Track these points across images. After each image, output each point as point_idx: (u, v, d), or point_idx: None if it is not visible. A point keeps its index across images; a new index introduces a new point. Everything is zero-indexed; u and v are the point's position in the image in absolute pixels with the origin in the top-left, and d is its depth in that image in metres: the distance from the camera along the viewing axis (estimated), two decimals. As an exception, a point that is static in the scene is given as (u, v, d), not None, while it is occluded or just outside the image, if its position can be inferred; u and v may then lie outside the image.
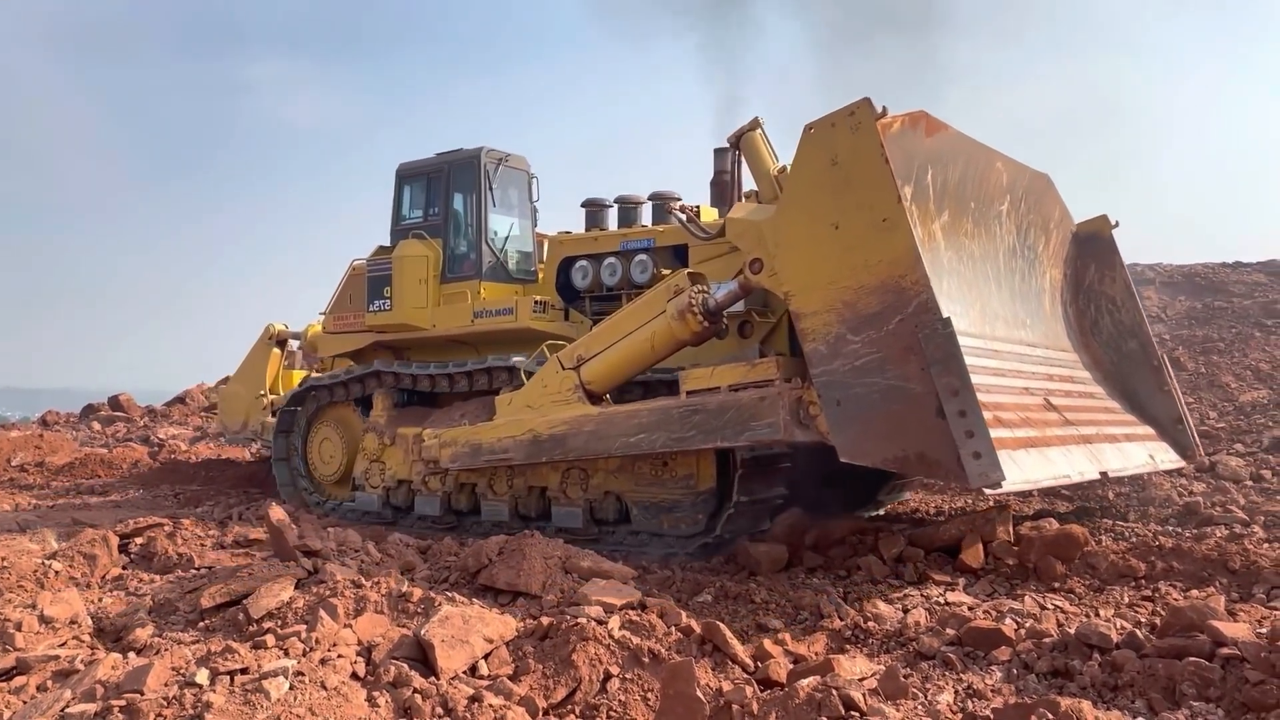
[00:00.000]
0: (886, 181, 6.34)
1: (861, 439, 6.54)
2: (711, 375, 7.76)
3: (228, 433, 14.08)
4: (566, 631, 4.83)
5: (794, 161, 6.86)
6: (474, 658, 4.69)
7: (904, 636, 5.79)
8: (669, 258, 9.60)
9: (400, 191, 11.37)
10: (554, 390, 8.60)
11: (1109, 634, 5.13)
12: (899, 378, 6.34)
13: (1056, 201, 8.90)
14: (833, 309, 6.59)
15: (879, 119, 6.41)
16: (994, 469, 5.99)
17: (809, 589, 6.88)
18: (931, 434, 6.21)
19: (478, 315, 10.48)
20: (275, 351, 13.80)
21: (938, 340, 6.15)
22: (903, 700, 4.52)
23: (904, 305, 6.31)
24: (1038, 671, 5.03)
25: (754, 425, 7.35)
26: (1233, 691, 4.37)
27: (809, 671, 4.65)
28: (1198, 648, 4.76)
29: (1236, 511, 8.37)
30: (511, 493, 9.51)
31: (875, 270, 6.41)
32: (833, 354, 6.59)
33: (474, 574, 6.30)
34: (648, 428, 7.95)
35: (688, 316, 7.84)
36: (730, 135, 8.22)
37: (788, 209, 6.94)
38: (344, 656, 4.59)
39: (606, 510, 8.94)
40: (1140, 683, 4.64)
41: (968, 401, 6.09)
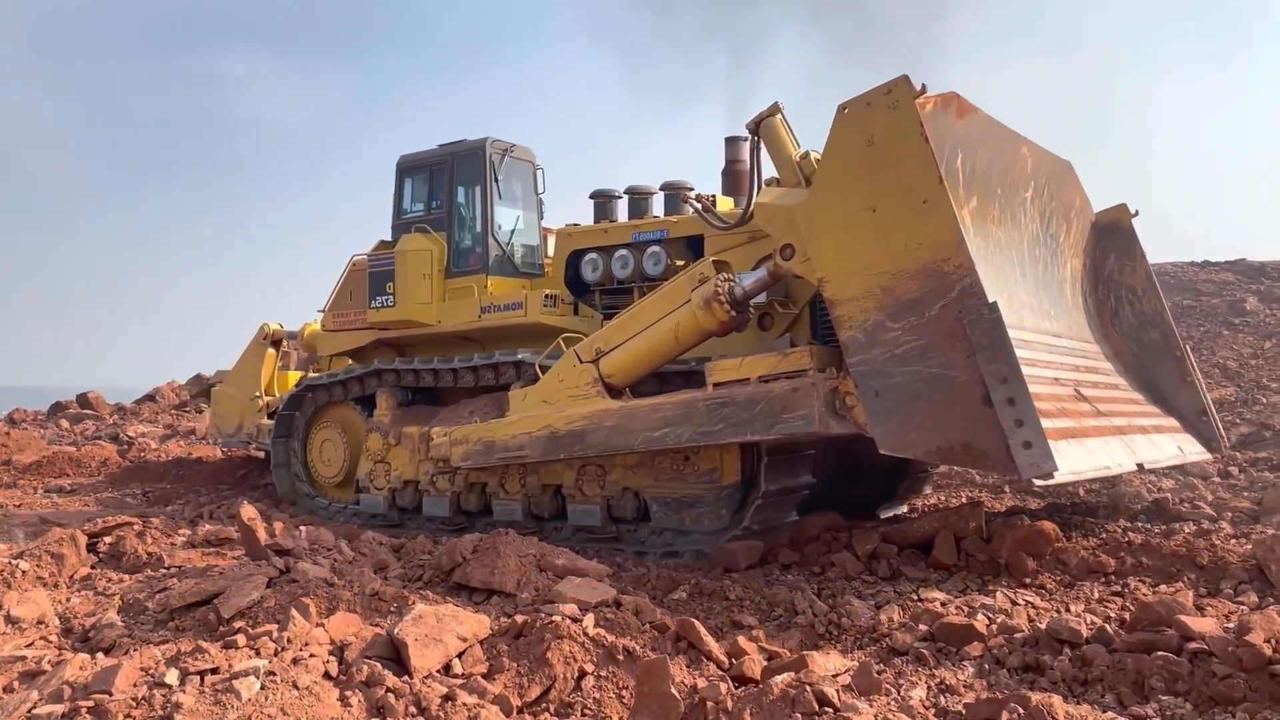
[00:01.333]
0: (926, 162, 6.14)
1: (903, 430, 6.36)
2: (740, 366, 7.53)
3: (221, 436, 13.69)
4: (541, 629, 4.81)
5: (827, 142, 6.61)
6: (448, 656, 4.66)
7: (877, 633, 5.82)
8: (682, 249, 9.38)
9: (401, 184, 11.07)
10: (571, 385, 8.35)
11: (1079, 629, 5.17)
12: (942, 365, 6.15)
13: (1077, 189, 8.69)
14: (870, 295, 6.39)
15: (917, 97, 6.21)
16: (1046, 459, 5.81)
17: (783, 586, 6.90)
18: (978, 423, 6.04)
19: (485, 311, 10.23)
20: (270, 352, 13.47)
21: (984, 326, 5.97)
22: (876, 696, 4.54)
23: (947, 290, 6.12)
24: (1009, 666, 5.07)
25: (786, 418, 7.12)
26: (1201, 685, 4.43)
27: (783, 668, 4.66)
28: (1166, 642, 4.81)
29: (1205, 508, 8.48)
30: (524, 491, 9.29)
31: (915, 254, 6.21)
32: (871, 342, 6.40)
33: (448, 572, 6.27)
34: (672, 421, 7.70)
35: (714, 306, 7.60)
36: (749, 121, 7.93)
37: (821, 192, 6.71)
38: (316, 656, 4.55)
39: (625, 508, 8.72)
40: (1110, 677, 4.69)
41: (1017, 389, 5.91)
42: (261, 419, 12.83)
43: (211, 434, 14.09)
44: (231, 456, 15.04)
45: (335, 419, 11.30)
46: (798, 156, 7.66)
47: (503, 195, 10.66)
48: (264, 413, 12.89)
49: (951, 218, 6.10)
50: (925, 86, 6.24)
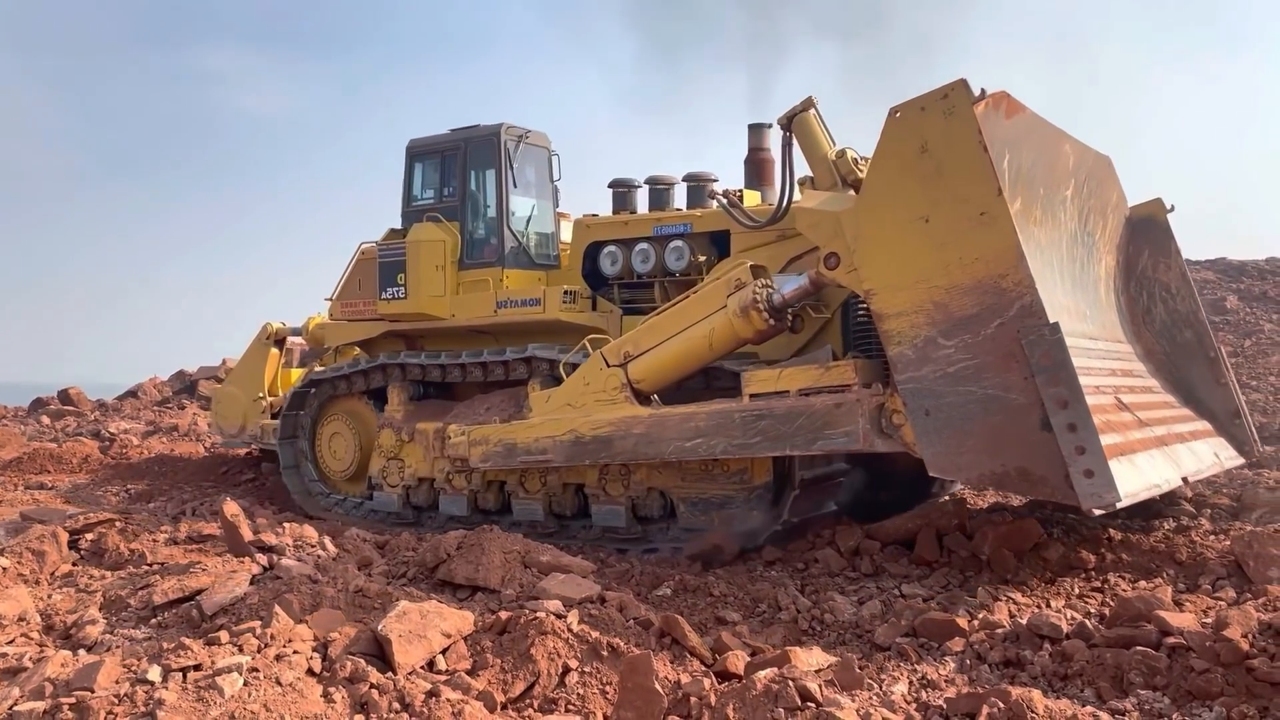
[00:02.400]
0: (984, 171, 5.91)
1: (954, 452, 6.13)
2: (779, 378, 7.25)
3: (224, 436, 13.41)
4: (525, 626, 4.82)
5: (877, 147, 6.36)
6: (432, 653, 4.67)
7: (860, 628, 5.86)
8: (706, 244, 9.08)
9: (411, 170, 10.68)
10: (598, 388, 8.06)
11: (1059, 624, 5.22)
12: (998, 386, 5.92)
13: (1115, 185, 8.41)
14: (922, 310, 6.15)
15: (976, 103, 5.95)
16: (1108, 489, 5.60)
17: (767, 582, 6.93)
18: (1035, 449, 5.81)
19: (501, 305, 9.88)
20: (273, 352, 13.12)
21: (1044, 347, 5.75)
22: (858, 691, 4.58)
23: (1005, 308, 5.89)
24: (990, 662, 5.11)
25: (828, 434, 6.86)
26: (1178, 680, 4.48)
27: (766, 663, 4.69)
28: (1145, 638, 4.87)
29: (1184, 504, 8.54)
30: (545, 491, 9.06)
31: (971, 268, 5.97)
32: (921, 359, 6.16)
33: (432, 569, 6.27)
34: (705, 432, 7.43)
35: (752, 314, 7.33)
36: (781, 116, 7.62)
37: (870, 200, 6.44)
38: (299, 652, 4.55)
39: (650, 507, 8.51)
40: (1090, 672, 4.74)
41: (1079, 414, 5.68)
42: (265, 419, 12.54)
43: (213, 434, 13.92)
44: (215, 453, 14.97)
45: (345, 411, 10.99)
46: (833, 154, 7.44)
47: (518, 183, 10.27)
48: (267, 413, 12.60)
49: (1011, 232, 5.87)
50: (985, 90, 5.99)
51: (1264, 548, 6.08)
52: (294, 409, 11.32)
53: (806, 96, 7.53)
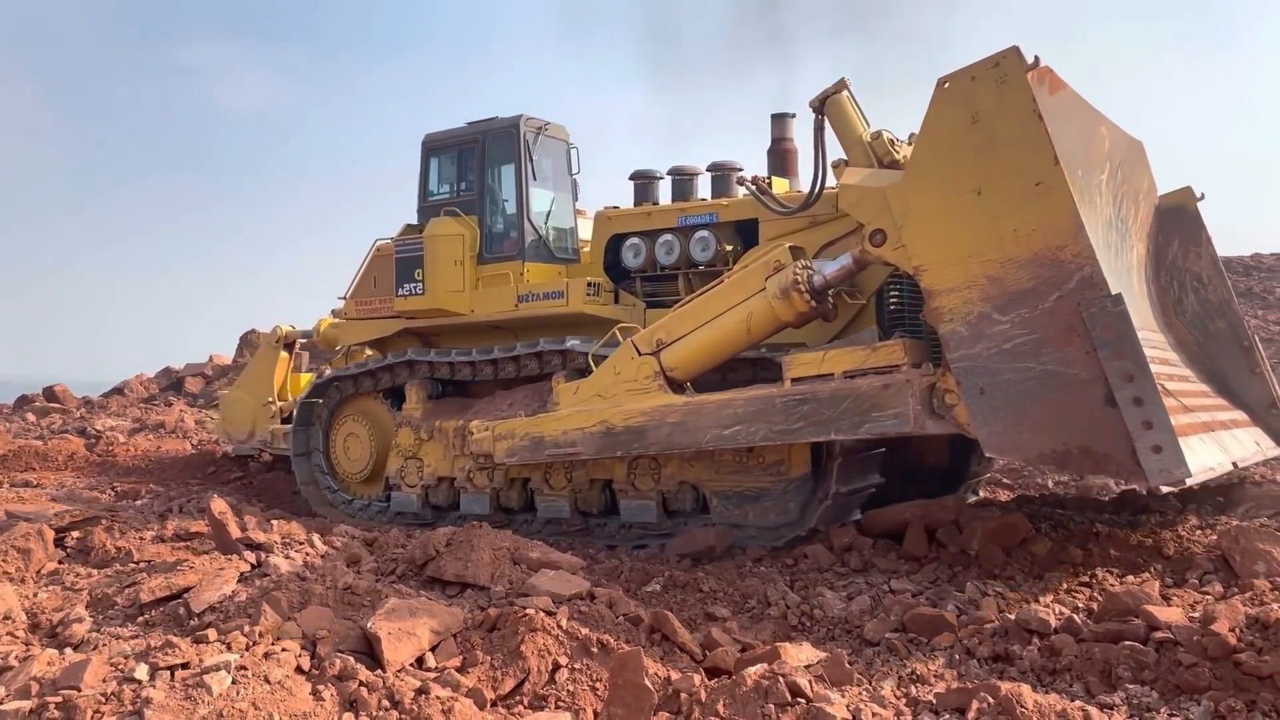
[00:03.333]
0: (1040, 141, 5.73)
1: (1012, 431, 5.96)
2: (822, 360, 7.05)
3: (232, 442, 13.22)
4: (515, 622, 4.81)
5: (925, 120, 6.19)
6: (421, 650, 4.66)
7: (849, 624, 5.87)
8: (732, 234, 8.91)
9: (427, 164, 10.51)
10: (630, 378, 7.84)
11: (1048, 619, 5.24)
12: (1058, 362, 5.76)
13: (1147, 171, 8.24)
14: (975, 285, 5.97)
15: (1028, 71, 5.79)
16: (1177, 464, 5.45)
17: (756, 578, 6.94)
18: (1099, 425, 5.66)
19: (522, 299, 9.66)
20: (283, 355, 12.97)
21: (1107, 319, 5.61)
22: (848, 686, 4.58)
23: (1063, 280, 5.72)
24: (979, 657, 5.12)
25: (876, 416, 6.65)
26: (1166, 674, 4.50)
27: (756, 659, 4.69)
28: (1133, 632, 4.89)
29: (1171, 499, 8.58)
30: (571, 487, 8.86)
31: (1027, 241, 5.81)
32: (975, 336, 5.99)
33: (421, 566, 6.25)
34: (745, 419, 7.21)
35: (793, 295, 7.11)
36: (813, 99, 7.45)
37: (918, 173, 6.28)
38: (288, 650, 4.53)
39: (682, 502, 8.36)
40: (1078, 666, 4.76)
41: (1144, 388, 5.53)
42: (275, 424, 12.40)
43: (221, 440, 13.73)
44: (202, 450, 14.90)
45: (359, 412, 10.80)
46: (868, 136, 7.29)
47: (536, 175, 10.11)
48: (277, 418, 12.47)
49: (1069, 201, 5.70)
50: (1038, 59, 5.81)
51: (1250, 542, 6.11)
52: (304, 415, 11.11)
53: (839, 78, 7.40)
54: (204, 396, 25.00)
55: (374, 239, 10.97)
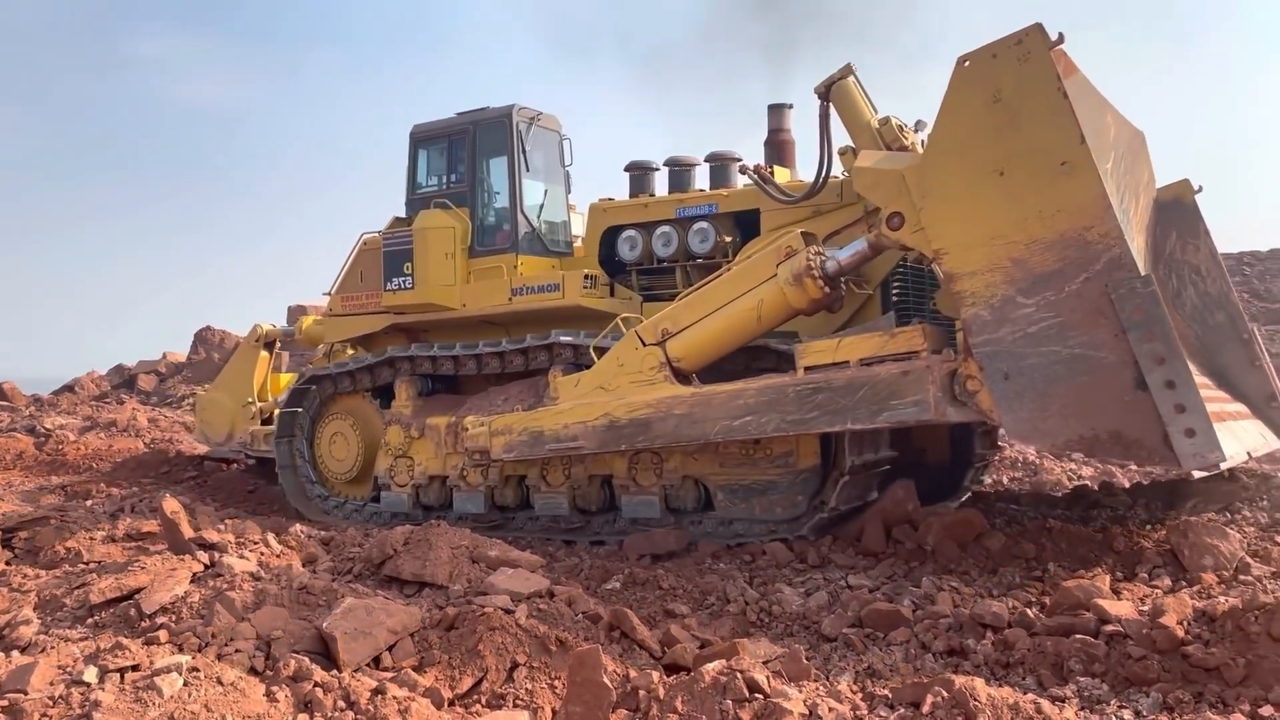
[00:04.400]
0: (1065, 119, 5.63)
1: (1038, 417, 5.83)
2: (837, 348, 6.87)
3: (210, 444, 12.97)
4: (473, 621, 4.79)
5: (944, 99, 6.07)
6: (378, 649, 4.62)
7: (807, 619, 5.91)
8: (731, 225, 8.77)
9: (415, 156, 10.27)
10: (634, 369, 7.64)
11: (1002, 613, 5.33)
12: (1085, 345, 5.65)
13: (1147, 163, 8.14)
14: (998, 268, 5.85)
15: (1053, 48, 5.68)
16: (1211, 448, 5.36)
17: (715, 574, 6.96)
18: (1129, 409, 5.56)
19: (516, 293, 9.44)
20: (263, 355, 12.66)
21: (1137, 301, 5.50)
22: (805, 682, 4.60)
23: (1090, 261, 5.61)
24: (934, 651, 5.19)
25: (895, 404, 6.47)
26: (1116, 667, 4.58)
27: (715, 655, 4.70)
28: (1084, 626, 4.97)
29: (1121, 495, 8.74)
30: (569, 483, 8.66)
31: (1053, 222, 5.69)
32: (999, 320, 5.86)
33: (379, 565, 6.20)
34: (756, 409, 7.01)
35: (806, 281, 6.94)
36: (819, 85, 7.32)
37: (938, 153, 6.15)
38: (242, 651, 4.47)
39: (685, 498, 8.18)
40: (1031, 660, 4.83)
41: (1177, 371, 5.44)
42: (255, 425, 12.10)
43: (199, 442, 13.36)
44: (155, 449, 14.66)
45: (346, 411, 10.51)
46: (876, 122, 7.15)
47: (529, 167, 9.90)
48: (257, 419, 12.18)
49: (1096, 181, 5.59)
50: (1062, 36, 5.70)
51: (1198, 537, 6.22)
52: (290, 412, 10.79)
53: (846, 64, 7.30)
54: (157, 394, 24.63)
55: (360, 233, 10.73)
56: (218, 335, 26.81)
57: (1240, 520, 7.10)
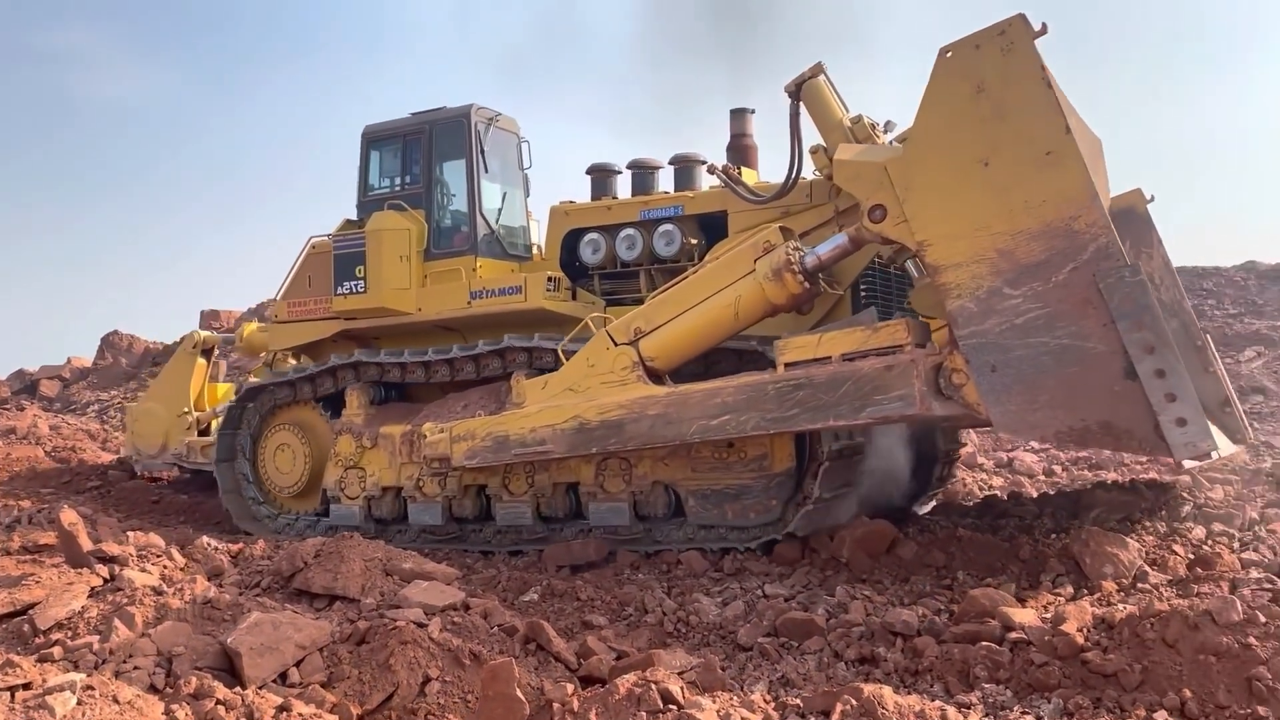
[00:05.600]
0: (1050, 109, 5.65)
1: (1026, 410, 5.79)
2: (818, 344, 6.73)
3: (142, 458, 12.26)
4: (385, 635, 4.71)
5: (927, 90, 6.04)
6: (285, 665, 4.51)
7: (724, 629, 5.95)
8: (697, 227, 8.66)
9: (367, 157, 9.99)
10: (605, 370, 7.43)
11: (912, 621, 5.43)
12: (1074, 335, 5.63)
13: (1103, 171, 8.11)
14: (984, 259, 5.81)
15: (1036, 37, 5.69)
16: (1203, 437, 5.37)
17: (634, 585, 6.97)
18: (1119, 399, 5.55)
19: (476, 296, 9.16)
20: (200, 363, 12.14)
21: (1125, 290, 5.48)
22: (719, 692, 4.63)
23: (1077, 251, 5.59)
24: (847, 659, 5.26)
25: (879, 400, 6.35)
26: (1020, 673, 4.69)
27: (630, 667, 4.70)
28: (990, 633, 5.09)
29: (1029, 504, 8.98)
30: (533, 491, 8.44)
31: (1039, 212, 5.67)
32: (985, 311, 5.83)
33: (288, 578, 6.05)
34: (734, 408, 6.84)
35: (786, 276, 6.82)
36: (789, 83, 7.25)
37: (921, 145, 6.12)
38: (141, 668, 4.33)
39: (654, 504, 8.00)
40: (939, 667, 4.93)
41: (1167, 360, 5.43)
42: (192, 436, 11.58)
43: (130, 456, 12.63)
44: (58, 458, 14.10)
45: (291, 421, 10.10)
46: (848, 121, 7.12)
47: (488, 169, 9.68)
48: (194, 429, 11.67)
49: (1081, 170, 5.59)
50: (1045, 26, 5.71)
51: (1099, 545, 6.42)
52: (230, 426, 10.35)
53: (816, 62, 7.26)
54: (60, 400, 23.74)
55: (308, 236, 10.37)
56: (125, 339, 25.93)
57: (1139, 530, 7.34)
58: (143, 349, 25.34)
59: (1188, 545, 6.94)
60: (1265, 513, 7.84)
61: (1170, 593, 5.94)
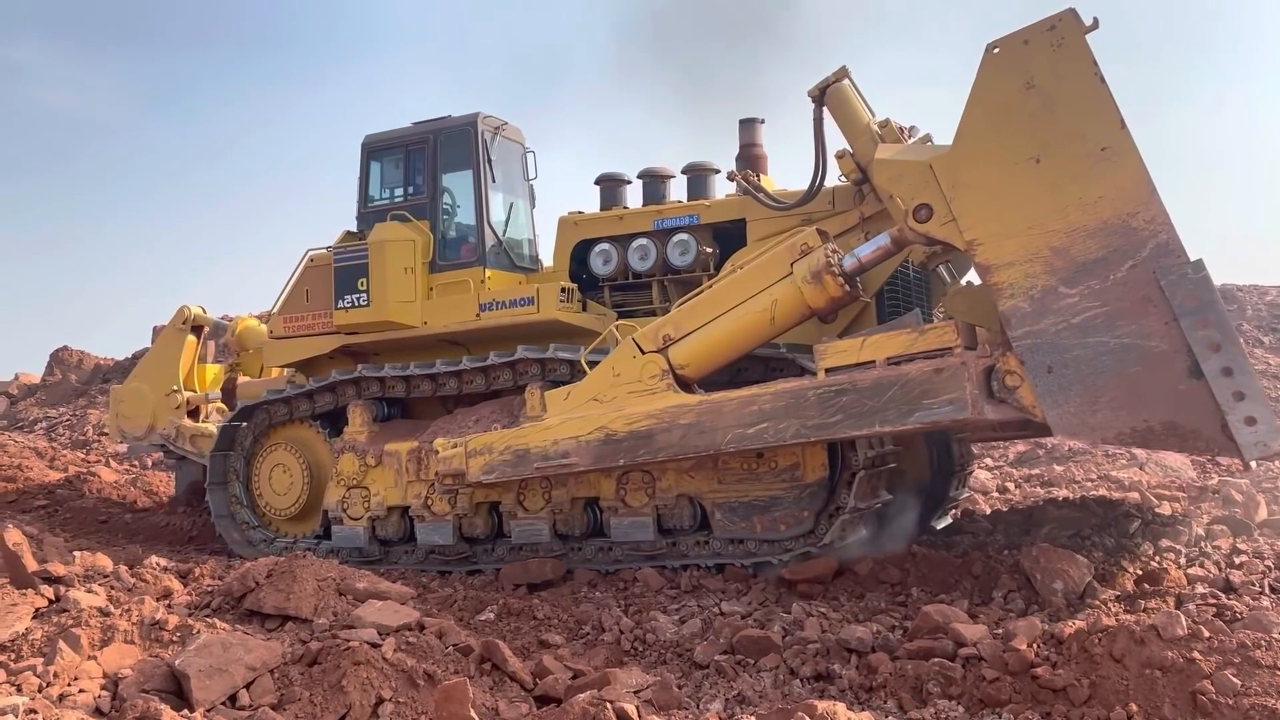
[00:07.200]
0: (1104, 104, 5.58)
1: (1086, 411, 5.66)
2: (861, 348, 6.53)
3: (128, 440, 11.70)
4: (337, 656, 4.67)
5: (974, 86, 5.96)
6: (234, 687, 4.45)
7: (681, 647, 5.95)
8: (712, 237, 8.50)
9: (368, 168, 9.72)
10: (632, 379, 7.19)
11: (866, 638, 5.47)
12: (1135, 335, 5.52)
13: None
14: (1038, 257, 5.70)
15: (1088, 32, 5.63)
16: (1274, 435, 5.27)
17: (591, 603, 6.95)
18: (1183, 399, 5.45)
19: (485, 308, 8.90)
20: (190, 339, 11.50)
21: (1188, 287, 5.37)
22: (675, 711, 4.64)
23: (1136, 248, 5.49)
24: (802, 676, 5.28)
25: (929, 404, 6.13)
26: (972, 689, 4.75)
27: (586, 686, 4.69)
28: (942, 649, 5.15)
29: (982, 521, 9.09)
30: (550, 507, 8.11)
31: (1094, 209, 5.58)
32: (1040, 311, 5.71)
33: (239, 598, 5.97)
34: (772, 415, 6.62)
35: (825, 279, 6.62)
36: (812, 88, 7.16)
37: (969, 142, 5.99)
38: (86, 691, 4.25)
39: (679, 518, 7.72)
40: (893, 683, 4.97)
41: (1233, 357, 5.34)
42: (180, 418, 11.06)
43: (114, 439, 12.09)
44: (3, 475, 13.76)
45: (287, 440, 9.71)
46: (875, 125, 7.02)
47: (495, 178, 9.48)
48: (183, 410, 11.13)
49: (1139, 166, 5.51)
50: (1097, 21, 5.65)
51: (1050, 562, 6.50)
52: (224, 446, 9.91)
53: (840, 66, 7.19)
54: (8, 417, 23.24)
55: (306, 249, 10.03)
56: (76, 356, 25.45)
57: (1089, 546, 7.45)
58: (93, 365, 24.89)
59: (1136, 561, 7.07)
60: (1211, 529, 7.99)
61: (1118, 608, 6.04)
